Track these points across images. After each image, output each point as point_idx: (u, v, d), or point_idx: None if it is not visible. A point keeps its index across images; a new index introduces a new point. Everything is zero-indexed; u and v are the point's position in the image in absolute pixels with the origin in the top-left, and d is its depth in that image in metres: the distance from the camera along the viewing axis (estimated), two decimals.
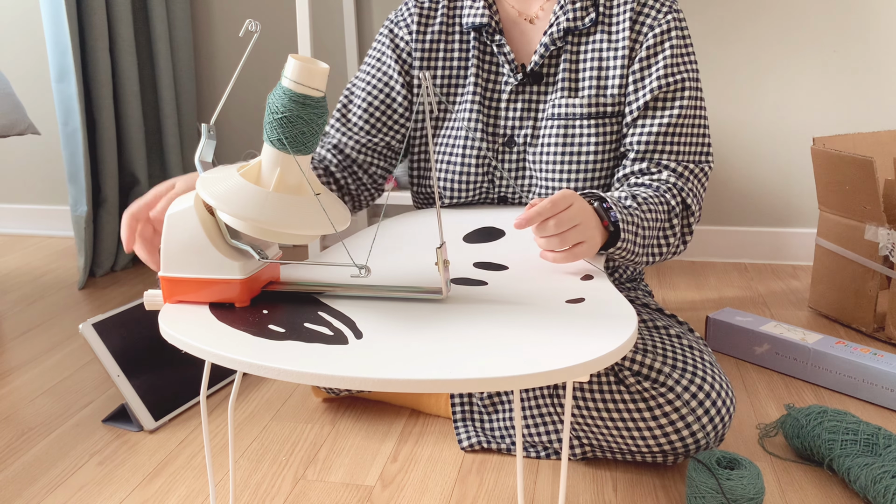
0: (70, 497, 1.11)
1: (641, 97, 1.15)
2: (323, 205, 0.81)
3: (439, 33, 1.25)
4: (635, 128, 1.16)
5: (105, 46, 1.99)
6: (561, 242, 0.93)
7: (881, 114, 2.00)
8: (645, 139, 1.15)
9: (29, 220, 2.55)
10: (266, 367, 0.69)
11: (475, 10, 1.22)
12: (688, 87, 1.16)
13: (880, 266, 1.55)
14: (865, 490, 1.03)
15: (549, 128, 1.18)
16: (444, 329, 0.76)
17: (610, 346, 0.70)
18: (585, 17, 1.18)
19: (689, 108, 1.16)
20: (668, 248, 1.13)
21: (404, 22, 1.27)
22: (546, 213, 0.91)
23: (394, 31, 1.28)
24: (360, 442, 1.24)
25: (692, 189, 1.14)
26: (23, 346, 1.65)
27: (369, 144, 1.25)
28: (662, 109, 1.15)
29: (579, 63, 1.19)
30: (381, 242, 1.08)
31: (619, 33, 1.17)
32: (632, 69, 1.17)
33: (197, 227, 0.82)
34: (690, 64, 1.18)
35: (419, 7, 1.27)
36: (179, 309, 0.83)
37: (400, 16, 1.28)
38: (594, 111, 1.17)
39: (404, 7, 1.29)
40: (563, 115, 1.17)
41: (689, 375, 1.07)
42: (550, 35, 1.18)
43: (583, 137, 1.17)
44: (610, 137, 1.17)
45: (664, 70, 1.15)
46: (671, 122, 1.15)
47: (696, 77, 1.18)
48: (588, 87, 1.18)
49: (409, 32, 1.26)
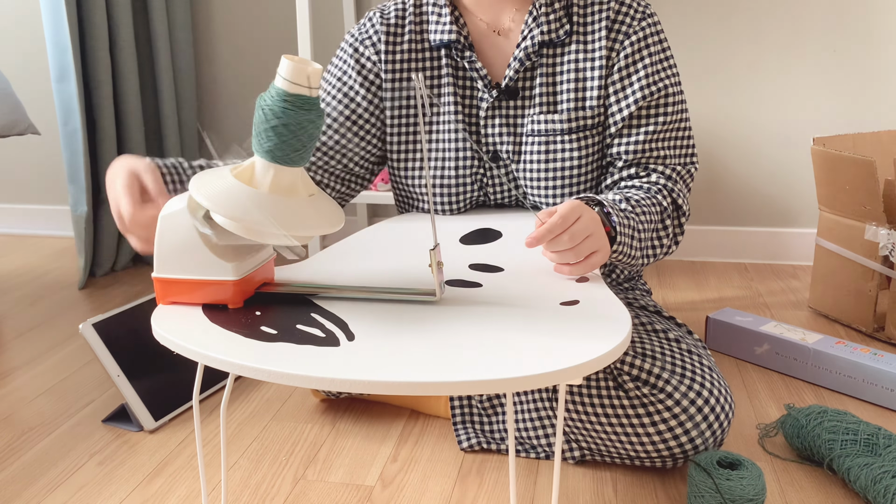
0: (70, 497, 1.11)
1: (625, 108, 1.14)
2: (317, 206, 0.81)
3: (409, 51, 1.20)
4: (621, 137, 1.15)
5: (105, 46, 1.99)
6: (575, 255, 0.92)
7: (881, 114, 2.00)
8: (633, 148, 1.14)
9: (29, 220, 2.55)
10: (255, 368, 0.69)
11: (442, 26, 1.18)
12: (671, 94, 1.15)
13: (880, 266, 1.55)
14: (865, 490, 1.03)
15: (530, 144, 1.17)
16: (437, 331, 0.76)
17: (603, 348, 0.70)
18: (560, 30, 1.15)
19: (674, 113, 1.16)
20: (661, 249, 1.13)
21: (370, 40, 1.21)
22: (558, 229, 0.90)
23: (359, 51, 1.21)
24: (360, 442, 1.24)
25: (681, 190, 1.15)
26: (23, 346, 1.65)
27: (326, 167, 1.21)
28: (647, 118, 1.15)
29: (556, 76, 1.17)
30: (377, 244, 1.08)
31: (594, 42, 1.15)
32: (611, 79, 1.15)
33: (190, 229, 0.81)
34: (670, 69, 1.17)
35: (385, 24, 1.21)
36: (172, 310, 0.83)
37: (365, 34, 1.22)
38: (574, 125, 1.15)
39: (368, 24, 1.22)
40: (542, 131, 1.16)
41: (688, 381, 1.07)
42: (525, 49, 1.15)
43: (564, 153, 1.15)
44: (592, 149, 1.17)
45: (646, 80, 1.14)
46: (657, 129, 1.14)
47: (678, 81, 1.17)
48: (566, 100, 1.16)
49: (377, 52, 1.20)
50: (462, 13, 1.20)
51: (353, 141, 1.22)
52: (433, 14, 1.19)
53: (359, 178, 1.26)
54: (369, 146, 1.23)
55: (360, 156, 1.23)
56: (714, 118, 2.09)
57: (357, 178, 1.26)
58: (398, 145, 1.23)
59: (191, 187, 0.79)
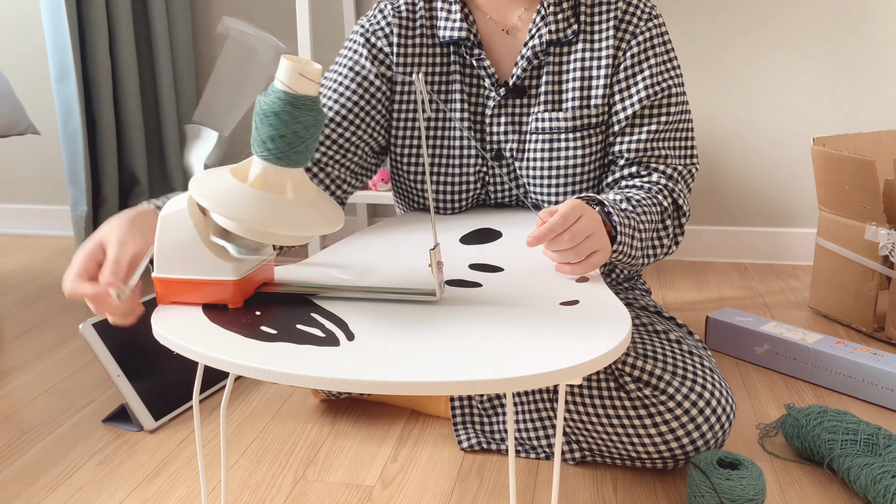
0: (70, 497, 1.11)
1: (629, 107, 1.15)
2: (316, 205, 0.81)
3: (419, 46, 1.21)
4: (623, 136, 1.16)
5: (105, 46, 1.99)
6: (576, 255, 0.92)
7: (881, 114, 2.00)
8: (634, 147, 1.15)
9: (29, 220, 2.55)
10: (255, 368, 0.69)
11: (452, 23, 1.18)
12: (674, 94, 1.16)
13: (880, 266, 1.55)
14: (865, 490, 1.03)
15: (534, 142, 1.17)
16: (436, 331, 0.76)
17: (603, 348, 0.70)
18: (567, 29, 1.16)
19: (677, 113, 1.16)
20: (661, 249, 1.13)
21: (382, 32, 1.20)
22: (558, 229, 0.90)
23: (371, 41, 1.21)
24: (359, 442, 1.24)
25: (682, 190, 1.15)
26: (23, 346, 1.65)
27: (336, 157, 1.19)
28: (650, 117, 1.15)
29: (562, 75, 1.17)
30: (377, 243, 1.08)
31: (602, 41, 1.16)
32: (616, 77, 1.15)
33: (190, 229, 0.81)
34: (674, 70, 1.18)
35: (398, 17, 1.20)
36: (172, 310, 0.83)
37: (377, 25, 1.21)
38: (579, 124, 1.16)
39: (380, 15, 1.22)
40: (547, 129, 1.16)
41: (689, 383, 1.07)
42: (532, 48, 1.15)
43: (568, 151, 1.16)
44: (595, 148, 1.17)
45: (650, 80, 1.15)
46: (659, 128, 1.15)
47: (681, 82, 1.18)
48: (572, 98, 1.16)
49: (390, 44, 1.20)
50: (472, 10, 1.20)
51: (362, 127, 1.20)
52: (443, 10, 1.19)
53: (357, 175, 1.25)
54: (376, 133, 1.22)
55: (367, 143, 1.22)
56: (714, 118, 2.09)
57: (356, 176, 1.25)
58: (402, 139, 1.23)
59: (190, 187, 0.79)
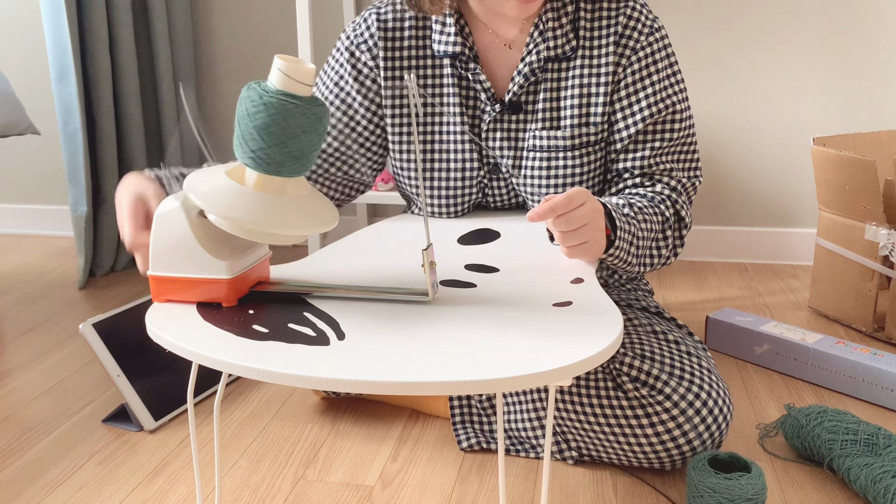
0: (70, 497, 1.11)
1: (632, 125, 1.13)
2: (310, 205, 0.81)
3: (410, 58, 1.17)
4: (626, 153, 1.14)
5: (105, 46, 1.99)
6: (564, 239, 0.94)
7: (881, 114, 2.00)
8: (639, 163, 1.14)
9: (29, 220, 2.55)
10: (244, 367, 0.69)
11: (446, 36, 1.14)
12: (678, 110, 1.14)
13: (880, 266, 1.55)
14: (865, 490, 1.03)
15: (530, 159, 1.16)
16: (428, 331, 0.76)
17: (593, 350, 0.70)
18: (566, 45, 1.13)
19: (681, 129, 1.15)
20: (658, 259, 1.13)
21: (366, 45, 1.17)
22: (560, 209, 0.91)
23: (355, 55, 1.18)
24: (359, 442, 1.24)
25: (685, 202, 1.14)
26: (23, 346, 1.65)
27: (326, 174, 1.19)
28: (654, 133, 1.13)
29: (560, 91, 1.14)
30: (374, 244, 1.08)
31: (601, 57, 1.13)
32: (617, 95, 1.13)
33: (185, 227, 0.82)
34: (678, 84, 1.15)
35: (383, 28, 1.16)
36: (166, 308, 0.83)
37: (360, 38, 1.17)
38: (577, 143, 1.14)
39: (363, 25, 1.18)
40: (544, 147, 1.14)
41: (687, 383, 1.07)
42: (529, 65, 1.13)
43: (566, 169, 1.14)
44: (594, 165, 1.16)
45: (654, 97, 1.12)
46: (664, 145, 1.14)
47: (685, 97, 1.16)
48: (570, 116, 1.14)
49: (374, 57, 1.16)
50: (470, 23, 1.16)
51: (353, 148, 1.20)
52: (437, 23, 1.16)
53: (360, 183, 1.26)
54: (369, 153, 1.22)
55: (361, 162, 1.22)
56: (714, 118, 2.09)
57: (358, 184, 1.26)
58: (399, 145, 1.22)
59: (185, 186, 0.79)
